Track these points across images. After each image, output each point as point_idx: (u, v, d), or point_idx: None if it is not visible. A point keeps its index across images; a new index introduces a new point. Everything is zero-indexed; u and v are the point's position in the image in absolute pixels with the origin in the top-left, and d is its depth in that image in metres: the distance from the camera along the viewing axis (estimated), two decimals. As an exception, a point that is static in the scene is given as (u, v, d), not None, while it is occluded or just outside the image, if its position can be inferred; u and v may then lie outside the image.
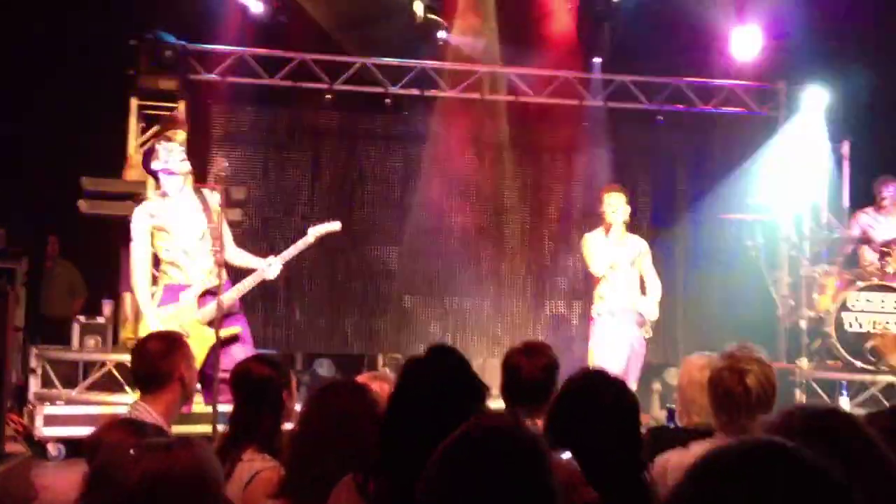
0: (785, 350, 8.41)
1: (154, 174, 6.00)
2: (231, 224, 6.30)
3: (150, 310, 5.71)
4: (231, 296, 5.66)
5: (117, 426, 2.65)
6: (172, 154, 5.80)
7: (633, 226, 9.13)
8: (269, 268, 5.82)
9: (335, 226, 6.04)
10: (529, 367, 3.48)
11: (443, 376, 2.38)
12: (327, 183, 8.99)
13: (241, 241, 6.19)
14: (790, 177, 9.02)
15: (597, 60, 9.02)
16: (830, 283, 7.83)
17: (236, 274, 5.93)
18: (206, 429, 5.61)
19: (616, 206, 6.67)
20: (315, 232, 5.93)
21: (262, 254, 6.09)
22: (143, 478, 1.85)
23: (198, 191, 5.83)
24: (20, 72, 8.50)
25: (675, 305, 9.11)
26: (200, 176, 6.53)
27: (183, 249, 5.79)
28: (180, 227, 5.78)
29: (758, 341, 3.23)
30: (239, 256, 5.96)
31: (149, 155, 7.44)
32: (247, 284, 5.78)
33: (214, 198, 5.88)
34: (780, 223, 8.78)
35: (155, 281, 5.96)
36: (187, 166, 5.86)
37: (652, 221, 9.30)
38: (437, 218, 9.04)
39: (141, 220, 5.86)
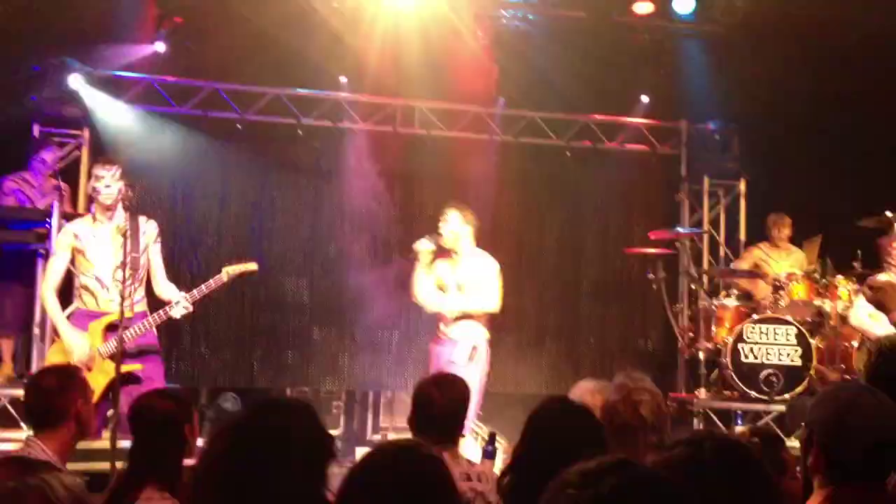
0: (684, 380, 8.73)
1: (88, 196, 5.93)
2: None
3: (65, 324, 5.58)
4: (133, 332, 5.51)
5: (3, 464, 2.57)
6: (106, 179, 5.66)
7: (540, 259, 9.40)
8: (175, 307, 5.69)
9: (251, 266, 5.95)
10: (442, 399, 3.51)
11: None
12: (236, 214, 8.87)
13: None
14: (690, 212, 9.39)
15: (501, 100, 9.15)
16: (728, 316, 8.10)
17: (160, 306, 5.81)
18: (104, 465, 5.45)
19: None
20: (230, 271, 5.81)
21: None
22: None
23: (133, 218, 5.68)
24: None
25: (579, 337, 9.28)
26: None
27: (97, 276, 5.66)
28: (100, 253, 5.65)
29: (659, 372, 3.33)
30: (166, 290, 5.82)
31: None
32: (151, 321, 5.64)
33: (151, 226, 5.78)
34: (681, 257, 9.06)
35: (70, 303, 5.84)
36: (117, 193, 5.69)
37: (559, 252, 9.47)
38: (347, 250, 9.00)
39: (64, 237, 5.77)
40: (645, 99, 9.35)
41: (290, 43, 8.33)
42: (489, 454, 3.87)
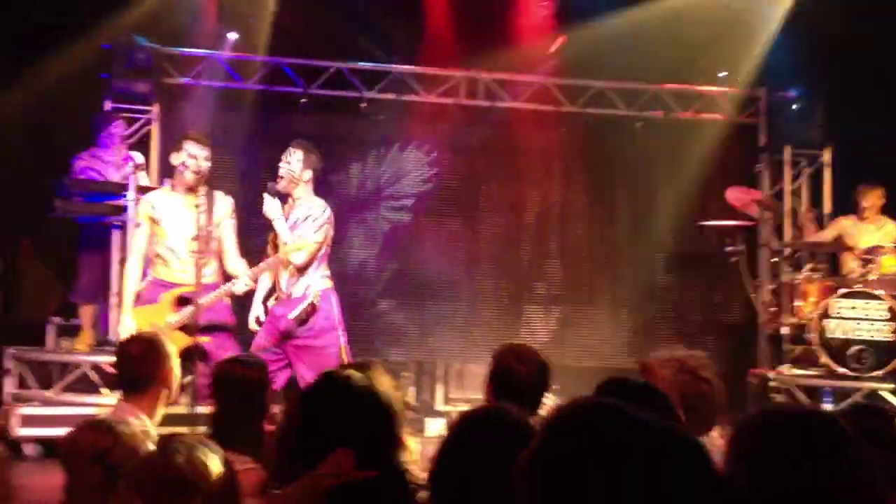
0: (766, 356, 8.43)
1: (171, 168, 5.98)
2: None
3: (129, 304, 5.71)
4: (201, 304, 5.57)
5: (93, 428, 2.65)
6: (195, 159, 5.75)
7: (612, 232, 9.33)
8: (237, 282, 5.77)
9: (312, 245, 5.93)
10: (525, 371, 3.49)
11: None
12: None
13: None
14: (771, 184, 9.11)
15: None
16: (812, 290, 7.90)
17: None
18: (183, 430, 5.60)
19: None
20: (288, 249, 5.84)
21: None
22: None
23: (210, 193, 5.75)
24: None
25: (655, 311, 9.19)
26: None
27: (170, 247, 5.77)
28: (174, 224, 5.75)
29: (739, 347, 3.32)
30: (235, 266, 5.88)
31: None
32: (211, 297, 5.68)
33: (226, 202, 5.84)
34: (762, 229, 8.83)
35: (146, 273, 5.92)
36: (202, 167, 5.77)
37: (633, 227, 9.37)
38: (413, 222, 9.06)
39: (142, 207, 5.90)
40: (723, 74, 9.09)
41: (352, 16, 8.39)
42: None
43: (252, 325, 6.06)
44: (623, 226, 9.37)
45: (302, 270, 5.91)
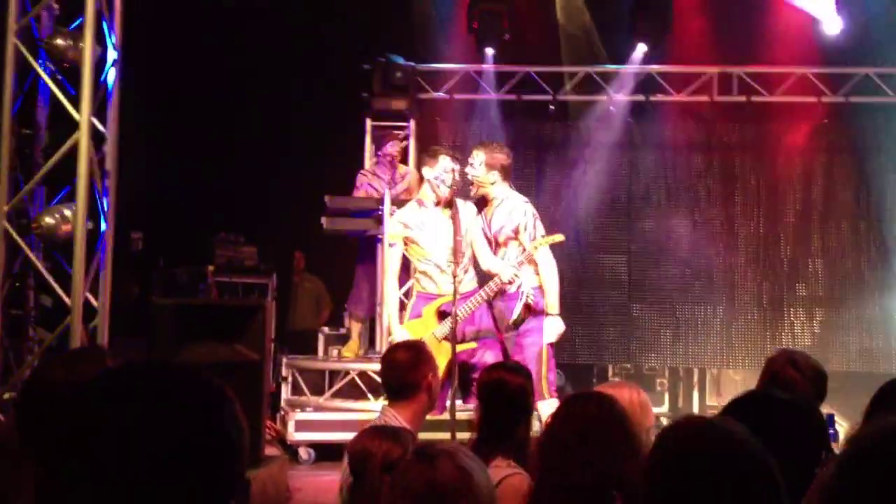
0: None
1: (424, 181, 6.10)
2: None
3: (395, 320, 5.94)
4: (464, 310, 5.64)
5: (378, 436, 2.77)
6: (451, 174, 5.79)
7: (879, 230, 8.64)
8: (504, 272, 5.72)
9: (559, 238, 5.90)
10: (799, 378, 3.30)
11: None
12: (551, 193, 9.02)
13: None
14: None
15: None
16: None
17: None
18: (444, 436, 5.78)
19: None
20: (539, 243, 5.79)
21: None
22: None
23: (452, 201, 5.84)
24: (264, 98, 9.16)
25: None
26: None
27: (431, 261, 5.94)
28: (431, 238, 5.91)
29: None
30: (491, 264, 5.89)
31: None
32: (472, 303, 5.72)
33: (469, 208, 5.97)
34: None
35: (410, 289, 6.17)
36: (457, 181, 5.81)
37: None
38: (666, 225, 8.86)
39: (394, 227, 6.08)
40: None
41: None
42: (832, 437, 3.64)
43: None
44: (893, 220, 8.66)
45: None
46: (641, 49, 8.68)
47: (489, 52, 8.78)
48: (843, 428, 4.49)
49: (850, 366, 8.23)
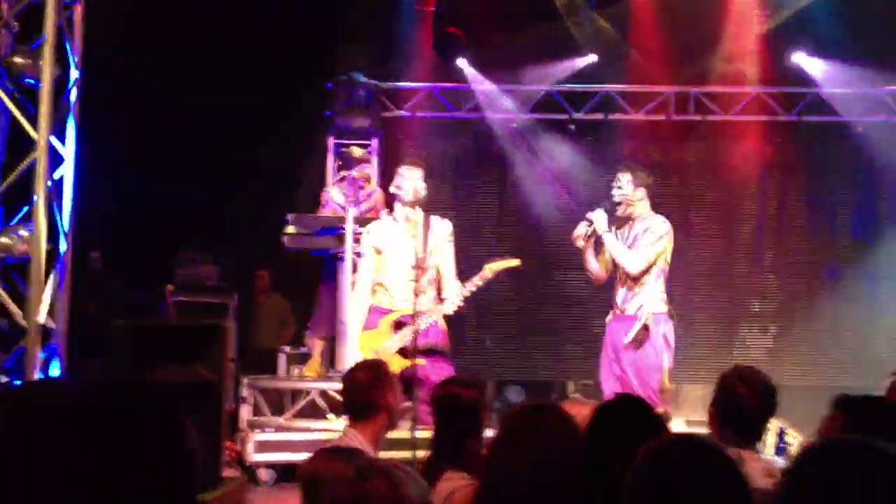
0: None
1: (392, 196, 6.17)
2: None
3: (355, 332, 5.96)
4: (416, 329, 5.64)
5: (332, 456, 2.78)
6: (410, 181, 5.89)
7: (831, 247, 8.87)
8: (444, 305, 5.88)
9: (514, 262, 5.98)
10: (750, 394, 3.37)
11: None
12: (515, 210, 9.10)
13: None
14: None
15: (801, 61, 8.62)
16: None
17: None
18: (406, 454, 5.79)
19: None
20: (493, 268, 5.87)
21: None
22: None
23: (426, 218, 5.89)
24: (226, 117, 9.13)
25: (880, 325, 8.63)
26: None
27: (391, 276, 5.97)
28: (395, 253, 5.96)
29: None
30: (448, 289, 5.95)
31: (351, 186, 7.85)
32: (423, 323, 5.73)
33: (443, 226, 6.01)
34: None
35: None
36: (415, 187, 5.88)
37: (852, 237, 8.92)
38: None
39: (366, 238, 6.11)
40: None
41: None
42: (781, 451, 3.71)
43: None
44: (844, 237, 8.86)
45: (637, 285, 5.85)
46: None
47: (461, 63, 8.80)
48: (795, 440, 4.57)
49: (803, 380, 8.36)
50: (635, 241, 5.84)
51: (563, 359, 8.92)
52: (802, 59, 8.65)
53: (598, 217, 5.84)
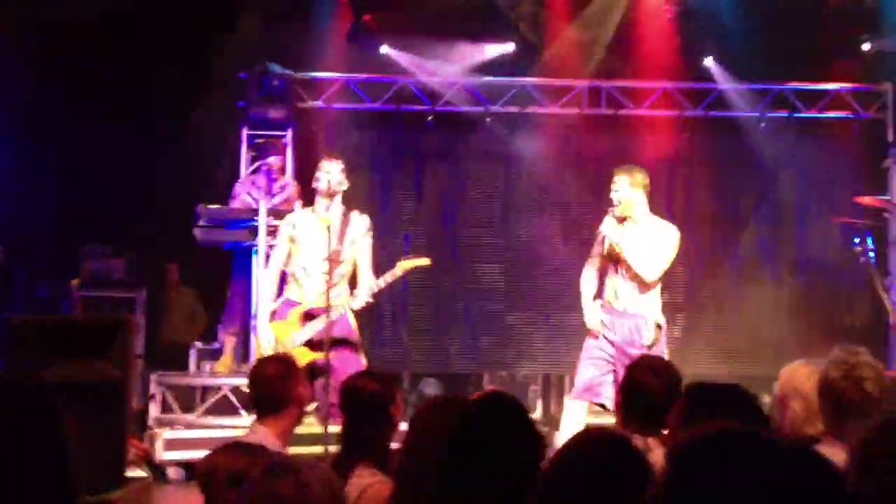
0: (897, 358, 8.15)
1: (310, 188, 6.19)
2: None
3: (263, 322, 5.89)
4: (325, 321, 5.59)
5: (229, 451, 2.74)
6: (327, 173, 5.93)
7: (738, 236, 9.13)
8: (355, 299, 5.90)
9: (424, 261, 6.06)
10: (657, 384, 3.44)
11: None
12: (431, 203, 9.11)
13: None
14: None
15: (710, 63, 8.82)
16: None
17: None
18: (318, 449, 5.74)
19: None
20: (403, 266, 5.94)
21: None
22: None
23: (346, 213, 5.97)
24: (139, 108, 8.91)
25: (782, 315, 8.91)
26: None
27: (304, 267, 5.93)
28: (310, 244, 5.91)
29: (867, 349, 3.12)
30: (361, 283, 5.98)
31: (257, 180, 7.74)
32: (335, 314, 5.70)
33: (361, 221, 6.01)
34: (890, 227, 8.56)
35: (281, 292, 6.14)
36: (333, 179, 5.94)
37: (758, 230, 9.16)
38: (540, 234, 9.05)
39: (284, 227, 6.10)
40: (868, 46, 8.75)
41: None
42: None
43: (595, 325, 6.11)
44: (749, 229, 9.12)
45: (647, 287, 5.91)
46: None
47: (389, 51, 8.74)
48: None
49: (710, 369, 8.55)
50: (646, 244, 5.90)
51: (477, 351, 8.96)
52: (709, 60, 8.85)
53: (609, 227, 5.93)
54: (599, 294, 6.15)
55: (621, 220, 6.00)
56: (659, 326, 5.92)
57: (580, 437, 1.97)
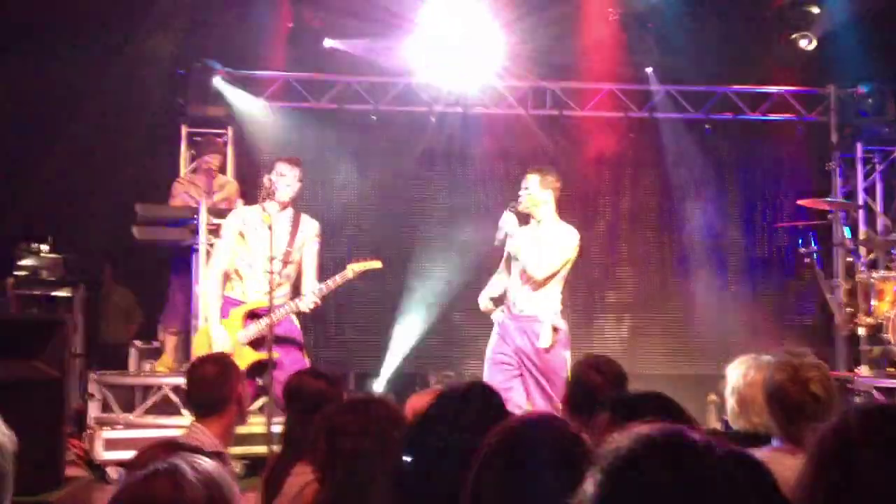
0: (843, 358, 8.31)
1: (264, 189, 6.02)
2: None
3: (215, 321, 5.81)
4: (268, 321, 5.56)
5: (158, 450, 2.69)
6: (288, 177, 5.87)
7: (684, 237, 9.25)
8: (303, 300, 5.85)
9: (376, 264, 6.06)
10: (602, 381, 3.48)
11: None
12: (375, 203, 9.06)
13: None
14: (843, 182, 8.94)
15: (649, 70, 8.94)
16: (889, 289, 7.67)
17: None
18: (262, 449, 5.69)
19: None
20: (355, 269, 5.94)
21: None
22: None
23: (297, 216, 5.92)
24: (77, 103, 8.73)
25: (728, 315, 9.04)
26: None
27: (250, 264, 5.86)
28: (257, 242, 5.83)
29: (814, 349, 3.15)
30: (307, 286, 5.94)
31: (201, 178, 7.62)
32: (278, 315, 5.69)
33: (311, 225, 5.96)
34: (835, 229, 8.68)
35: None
36: (290, 184, 5.88)
37: (704, 231, 9.26)
38: (484, 234, 9.04)
39: (233, 220, 6.00)
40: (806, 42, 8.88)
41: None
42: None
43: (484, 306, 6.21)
44: (695, 231, 9.24)
45: (540, 287, 5.96)
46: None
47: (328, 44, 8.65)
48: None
49: (657, 368, 8.66)
50: (542, 244, 5.96)
51: (423, 351, 8.94)
52: (649, 70, 8.95)
53: (507, 220, 5.99)
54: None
55: (525, 218, 6.06)
56: (556, 329, 5.92)
57: (517, 423, 1.95)
